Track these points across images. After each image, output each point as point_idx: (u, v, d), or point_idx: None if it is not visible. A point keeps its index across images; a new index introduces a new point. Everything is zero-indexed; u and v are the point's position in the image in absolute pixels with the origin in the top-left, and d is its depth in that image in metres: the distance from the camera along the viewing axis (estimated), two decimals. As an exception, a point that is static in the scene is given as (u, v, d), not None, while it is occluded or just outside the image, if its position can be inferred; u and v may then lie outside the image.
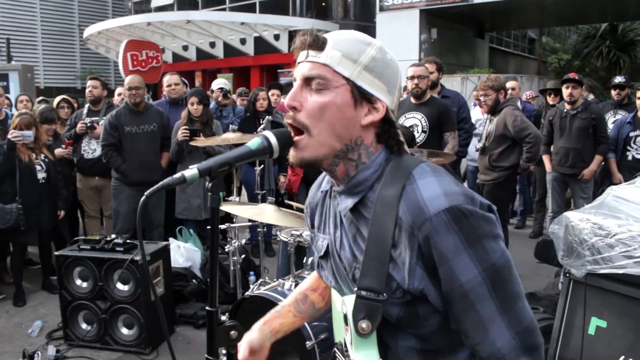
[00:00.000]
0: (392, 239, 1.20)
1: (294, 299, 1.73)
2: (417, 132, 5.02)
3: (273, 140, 1.24)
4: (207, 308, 1.21)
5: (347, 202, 1.31)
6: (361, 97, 1.25)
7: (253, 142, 1.24)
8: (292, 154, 1.28)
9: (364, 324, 1.24)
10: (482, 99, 5.52)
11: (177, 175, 1.15)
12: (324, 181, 1.49)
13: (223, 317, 1.24)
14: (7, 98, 7.21)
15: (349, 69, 1.24)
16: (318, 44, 1.24)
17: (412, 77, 5.04)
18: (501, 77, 5.95)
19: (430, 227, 1.14)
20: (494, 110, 5.49)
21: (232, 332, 1.23)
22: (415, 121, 5.07)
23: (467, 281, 1.14)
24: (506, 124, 5.36)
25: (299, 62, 1.29)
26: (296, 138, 1.27)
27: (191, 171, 1.16)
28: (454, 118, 5.31)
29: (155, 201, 5.55)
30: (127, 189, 5.46)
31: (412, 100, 5.14)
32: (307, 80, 1.26)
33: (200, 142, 4.78)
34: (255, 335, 1.62)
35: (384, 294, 1.22)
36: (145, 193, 1.11)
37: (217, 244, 1.19)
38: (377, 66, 1.26)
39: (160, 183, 1.15)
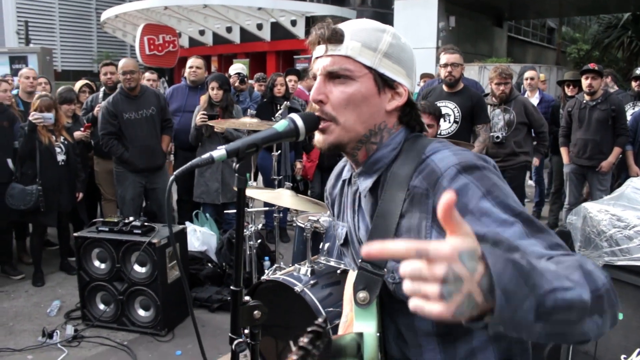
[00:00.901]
0: (401, 211, 1.23)
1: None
2: (449, 122, 4.97)
3: (299, 122, 1.26)
4: (231, 287, 1.23)
5: (367, 182, 1.34)
6: (384, 83, 1.28)
7: (280, 124, 1.26)
8: (318, 138, 1.31)
9: (362, 294, 1.27)
10: (501, 87, 5.49)
11: (206, 155, 1.17)
12: (344, 170, 1.50)
13: (246, 298, 1.26)
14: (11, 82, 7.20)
15: (369, 57, 1.26)
16: (337, 37, 1.26)
17: (446, 65, 4.96)
18: (516, 67, 5.93)
19: (444, 182, 1.16)
20: (508, 99, 5.53)
21: (256, 312, 1.25)
22: (447, 110, 5.00)
23: (495, 222, 1.09)
24: (526, 112, 5.51)
25: (317, 57, 1.30)
26: (323, 124, 1.29)
27: (219, 152, 1.19)
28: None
29: (161, 184, 5.57)
30: (131, 175, 5.46)
31: (445, 88, 5.07)
32: (331, 74, 1.28)
33: (216, 123, 4.80)
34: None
35: (384, 269, 1.25)
36: (175, 173, 1.14)
37: (242, 224, 1.21)
38: (395, 52, 1.29)
39: (189, 163, 1.17)
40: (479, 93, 5.33)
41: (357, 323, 1.30)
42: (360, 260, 1.30)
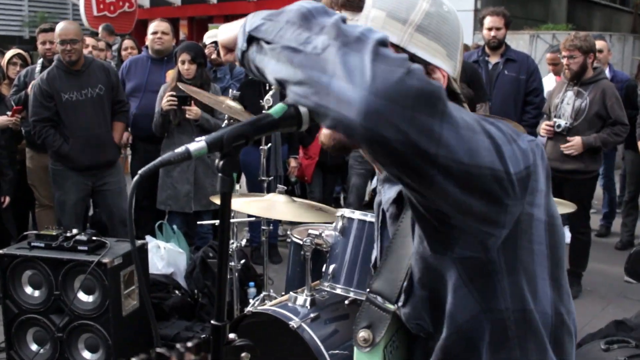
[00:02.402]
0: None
1: None
2: None
3: (303, 107, 1.26)
4: (212, 322, 1.23)
5: (390, 193, 1.35)
6: None
7: (276, 108, 1.25)
8: (325, 133, 1.31)
9: (364, 334, 1.28)
10: (565, 61, 5.48)
11: (180, 149, 1.17)
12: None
13: (231, 335, 1.27)
14: None
15: (397, 32, 1.25)
16: (354, 1, 1.26)
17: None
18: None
19: None
20: (578, 77, 5.47)
21: (244, 355, 1.26)
22: None
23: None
24: (605, 103, 5.43)
25: None
26: None
27: (198, 144, 1.18)
28: (485, 86, 5.34)
29: (113, 186, 5.58)
30: (73, 174, 5.48)
31: None
32: None
33: (189, 108, 4.80)
34: None
35: (395, 304, 1.27)
36: (140, 172, 1.14)
37: (227, 240, 1.21)
38: (433, 24, 1.27)
39: (159, 159, 1.17)
40: (472, 65, 5.38)
41: None
42: (368, 290, 1.31)
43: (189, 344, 1.11)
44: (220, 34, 1.29)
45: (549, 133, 5.50)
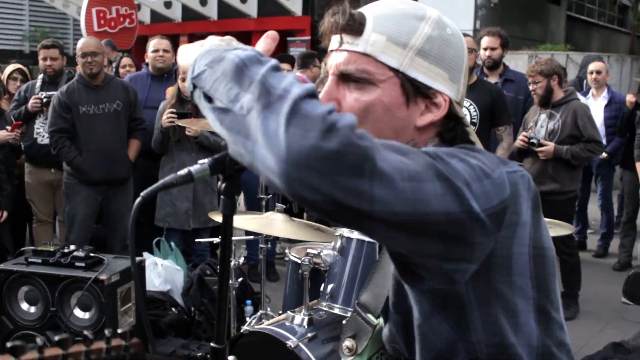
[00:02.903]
0: None
1: None
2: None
3: None
4: (212, 345, 1.24)
5: None
6: (415, 91, 1.28)
7: None
8: None
9: (348, 343, 1.30)
10: (531, 87, 5.58)
11: (183, 171, 1.18)
12: None
13: (230, 358, 1.27)
14: None
15: (396, 56, 1.25)
16: (354, 26, 1.26)
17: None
18: (577, 56, 5.95)
19: None
20: (547, 100, 5.53)
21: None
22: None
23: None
24: (577, 123, 5.47)
25: (331, 50, 1.32)
26: None
27: (200, 167, 1.20)
28: (509, 108, 5.36)
29: (121, 204, 5.60)
30: (85, 188, 5.51)
31: None
32: (345, 76, 1.28)
33: (189, 123, 4.81)
34: None
35: (377, 319, 1.30)
36: (142, 194, 1.15)
37: (228, 260, 1.21)
38: (435, 48, 1.27)
39: (161, 182, 1.18)
40: (497, 87, 5.41)
41: None
42: (356, 302, 1.34)
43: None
44: (179, 57, 1.27)
45: (523, 144, 5.52)
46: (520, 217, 1.21)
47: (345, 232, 3.35)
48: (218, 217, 3.28)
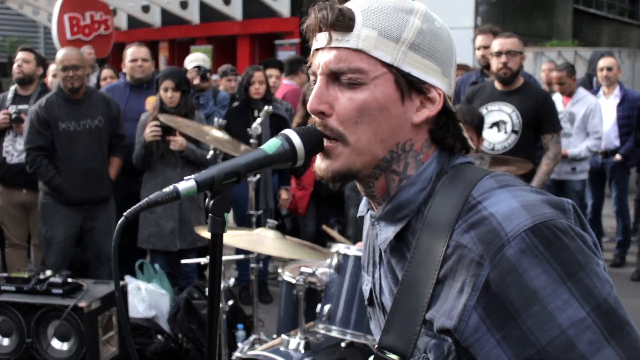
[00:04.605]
0: (437, 276, 1.24)
1: None
2: (505, 133, 5.06)
3: (297, 141, 1.28)
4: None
5: (387, 232, 1.36)
6: (409, 87, 1.30)
7: (269, 144, 1.28)
8: (319, 165, 1.34)
9: None
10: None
11: (168, 189, 1.19)
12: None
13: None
14: None
15: (389, 51, 1.28)
16: (344, 21, 1.27)
17: (499, 53, 5.06)
18: (586, 52, 5.98)
19: (510, 252, 1.16)
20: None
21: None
22: (502, 116, 5.08)
23: (571, 325, 1.14)
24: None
25: (318, 49, 1.33)
26: (328, 144, 1.31)
27: (187, 184, 1.20)
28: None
29: (103, 225, 5.59)
30: (63, 208, 5.49)
31: (498, 86, 5.18)
32: (335, 75, 1.30)
33: (174, 139, 4.82)
34: None
35: (413, 353, 1.26)
36: (125, 214, 1.16)
37: (219, 284, 1.22)
38: (426, 41, 1.30)
39: (145, 200, 1.19)
40: (545, 91, 5.39)
41: None
42: (376, 346, 1.31)
43: None
44: None
45: None
46: None
47: (342, 248, 3.35)
48: (206, 234, 3.28)
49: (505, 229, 1.17)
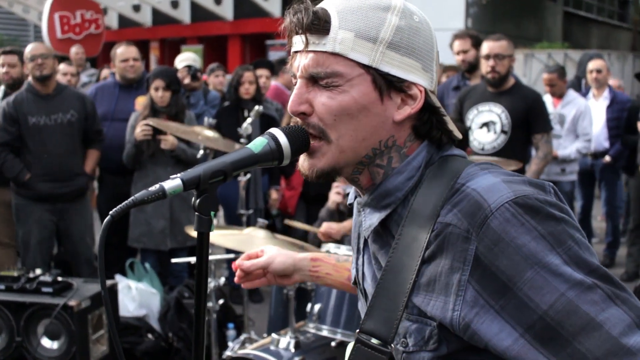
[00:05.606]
0: (422, 258, 1.25)
1: None
2: (494, 133, 5.09)
3: (283, 140, 1.29)
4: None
5: (372, 219, 1.37)
6: (389, 86, 1.30)
7: (256, 142, 1.28)
8: (303, 164, 1.34)
9: None
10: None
11: (154, 187, 1.19)
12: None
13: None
14: None
15: (367, 52, 1.28)
16: (319, 25, 1.27)
17: (488, 56, 5.09)
18: (576, 54, 6.01)
19: (496, 227, 1.17)
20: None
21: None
22: (492, 116, 5.12)
23: (569, 287, 1.14)
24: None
25: (296, 52, 1.33)
26: (313, 142, 1.32)
27: (173, 182, 1.20)
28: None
29: (79, 223, 5.57)
30: (37, 208, 5.45)
31: (488, 87, 5.22)
32: (313, 78, 1.30)
33: (164, 137, 4.81)
34: (289, 259, 2.00)
35: (392, 344, 1.27)
36: (111, 213, 1.15)
37: (205, 282, 1.22)
38: (405, 38, 1.30)
39: (131, 199, 1.18)
40: (535, 91, 5.42)
41: None
42: (358, 331, 1.31)
43: None
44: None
45: None
46: None
47: (332, 247, 3.36)
48: (192, 234, 3.27)
49: (488, 201, 1.19)
